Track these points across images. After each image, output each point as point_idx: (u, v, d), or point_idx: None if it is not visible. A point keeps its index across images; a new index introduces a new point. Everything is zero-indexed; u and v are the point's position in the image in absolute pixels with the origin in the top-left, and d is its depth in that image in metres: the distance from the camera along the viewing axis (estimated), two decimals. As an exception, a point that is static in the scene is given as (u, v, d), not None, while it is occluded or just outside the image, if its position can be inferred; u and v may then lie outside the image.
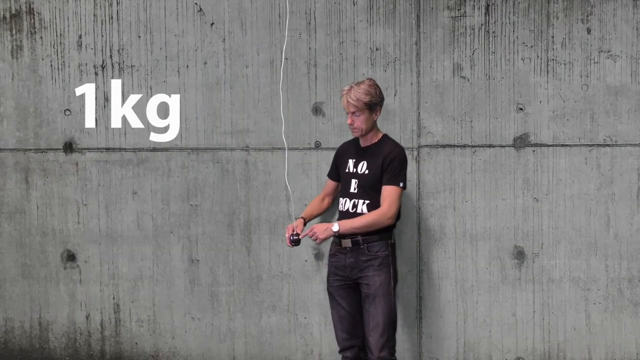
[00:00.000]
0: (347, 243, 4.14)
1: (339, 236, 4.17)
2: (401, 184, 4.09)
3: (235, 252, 4.85)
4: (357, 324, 4.20)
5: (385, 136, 4.23)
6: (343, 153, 4.33)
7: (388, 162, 4.08)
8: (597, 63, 4.64)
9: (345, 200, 4.19)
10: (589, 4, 4.63)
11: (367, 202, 4.10)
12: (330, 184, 4.44)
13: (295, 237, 4.14)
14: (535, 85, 4.66)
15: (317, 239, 4.09)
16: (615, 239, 4.67)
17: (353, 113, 4.11)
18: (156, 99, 4.83)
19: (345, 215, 4.17)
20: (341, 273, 4.19)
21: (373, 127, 4.17)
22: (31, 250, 4.96)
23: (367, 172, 4.13)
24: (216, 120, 4.82)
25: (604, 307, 4.70)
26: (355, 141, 4.28)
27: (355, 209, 4.14)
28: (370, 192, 4.10)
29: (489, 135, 4.69)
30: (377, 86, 4.15)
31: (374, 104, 4.10)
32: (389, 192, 4.06)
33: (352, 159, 4.22)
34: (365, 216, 4.10)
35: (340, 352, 4.26)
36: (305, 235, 4.12)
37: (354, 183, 4.17)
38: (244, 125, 4.81)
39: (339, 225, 4.06)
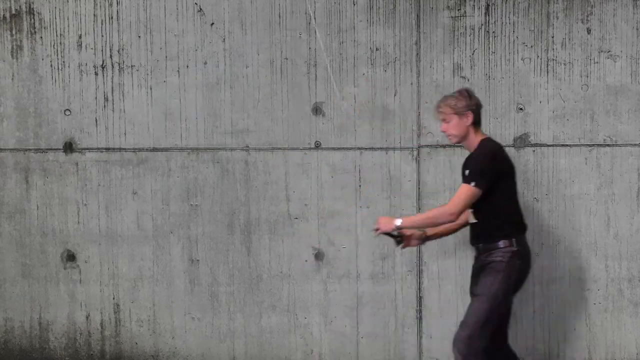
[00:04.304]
0: (474, 251, 4.14)
1: (470, 243, 4.16)
2: (472, 183, 3.96)
3: (235, 252, 4.85)
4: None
5: (482, 140, 4.12)
6: (463, 166, 4.23)
7: (469, 163, 4.04)
8: (597, 63, 4.64)
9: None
10: (589, 4, 4.63)
11: (471, 209, 4.05)
12: None
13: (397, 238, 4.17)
14: (535, 85, 4.66)
15: (377, 230, 4.10)
16: (615, 239, 4.67)
17: (444, 120, 4.09)
18: (156, 99, 4.84)
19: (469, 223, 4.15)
20: (473, 277, 4.17)
21: (468, 132, 4.09)
22: (31, 250, 4.95)
23: None
24: (216, 120, 4.82)
25: (604, 307, 4.70)
26: None
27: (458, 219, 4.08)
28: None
29: (489, 135, 4.68)
30: (468, 93, 4.09)
31: (460, 108, 4.04)
32: (458, 190, 4.01)
33: (467, 169, 4.13)
34: (427, 212, 4.21)
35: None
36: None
37: None
38: (244, 125, 4.81)
39: (401, 220, 4.05)
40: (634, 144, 4.64)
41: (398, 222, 4.04)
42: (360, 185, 4.78)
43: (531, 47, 4.65)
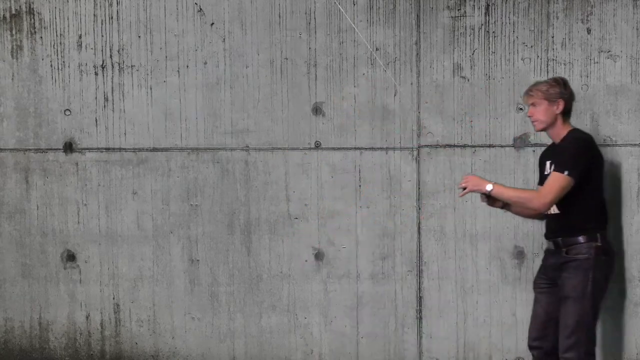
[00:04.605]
0: (550, 245, 4.09)
1: (545, 236, 4.12)
2: (566, 172, 3.84)
3: (235, 252, 4.85)
4: (549, 327, 4.08)
5: (571, 130, 4.04)
6: (543, 157, 4.21)
7: (558, 153, 3.97)
8: (597, 63, 4.64)
9: None
10: (589, 4, 4.63)
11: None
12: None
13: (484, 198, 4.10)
14: (535, 85, 4.66)
15: (465, 189, 4.02)
16: (615, 239, 4.66)
17: (532, 104, 4.02)
18: (156, 99, 4.84)
19: (546, 215, 4.08)
20: (545, 272, 4.13)
21: (555, 120, 4.01)
22: (31, 250, 4.96)
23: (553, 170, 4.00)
24: (216, 120, 4.82)
25: (604, 307, 4.69)
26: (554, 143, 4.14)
27: (549, 209, 4.01)
28: None
29: (489, 135, 4.69)
30: (563, 81, 4.04)
31: (552, 94, 3.97)
32: (550, 178, 3.91)
33: (549, 160, 4.09)
34: (521, 190, 4.12)
35: (529, 348, 4.21)
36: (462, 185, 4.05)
37: None
38: (244, 125, 4.82)
39: (492, 186, 3.97)
40: (634, 144, 4.63)
41: (489, 187, 3.96)
42: (360, 185, 4.78)
43: (531, 47, 4.65)
